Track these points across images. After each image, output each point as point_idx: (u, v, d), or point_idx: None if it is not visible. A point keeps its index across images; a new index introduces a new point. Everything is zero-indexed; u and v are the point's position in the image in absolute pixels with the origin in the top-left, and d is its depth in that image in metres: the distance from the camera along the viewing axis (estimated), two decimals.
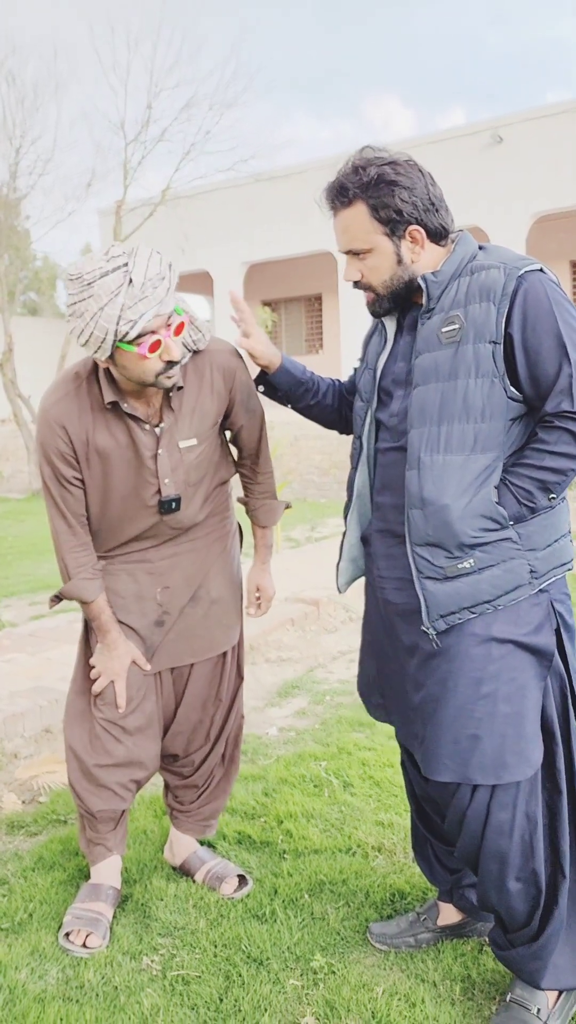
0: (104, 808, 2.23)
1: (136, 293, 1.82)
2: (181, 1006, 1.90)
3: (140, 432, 2.07)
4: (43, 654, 4.38)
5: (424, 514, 1.72)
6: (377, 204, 1.74)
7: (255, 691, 4.05)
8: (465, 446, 1.69)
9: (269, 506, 2.41)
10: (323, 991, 1.94)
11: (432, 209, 1.77)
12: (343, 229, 1.81)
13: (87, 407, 2.06)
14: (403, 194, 1.73)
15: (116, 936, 2.16)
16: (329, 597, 5.34)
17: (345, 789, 2.93)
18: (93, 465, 2.08)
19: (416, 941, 2.09)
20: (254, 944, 2.09)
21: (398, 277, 1.80)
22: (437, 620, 1.74)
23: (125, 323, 1.83)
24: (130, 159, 14.92)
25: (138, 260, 1.85)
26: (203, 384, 2.13)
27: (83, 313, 1.85)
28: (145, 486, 2.11)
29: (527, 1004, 1.79)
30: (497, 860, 1.77)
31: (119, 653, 2.19)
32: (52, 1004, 1.90)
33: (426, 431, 1.73)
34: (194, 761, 2.40)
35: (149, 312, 1.84)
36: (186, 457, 2.13)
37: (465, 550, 1.70)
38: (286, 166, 16.01)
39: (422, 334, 1.77)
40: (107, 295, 1.82)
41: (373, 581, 1.98)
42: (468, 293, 1.71)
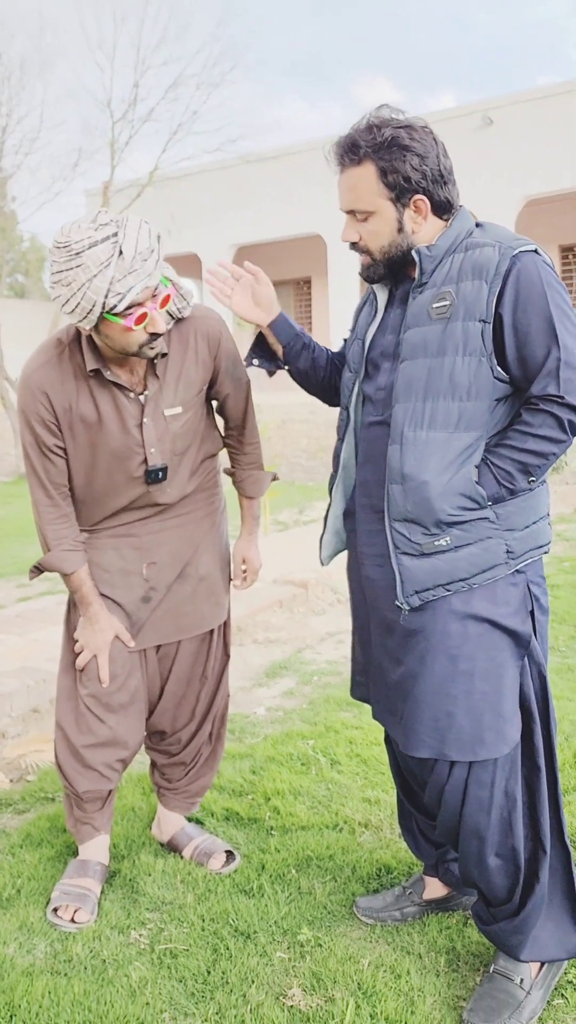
0: (90, 788, 2.23)
1: (126, 266, 1.80)
2: (169, 979, 1.92)
3: (125, 400, 2.05)
4: (30, 635, 4.38)
5: (403, 489, 1.72)
6: (387, 168, 1.71)
7: (243, 671, 4.06)
8: (449, 423, 1.69)
9: (256, 476, 2.40)
10: (310, 963, 1.96)
11: (440, 181, 1.74)
12: (349, 187, 1.77)
13: (70, 374, 2.03)
14: (415, 161, 1.70)
15: (104, 911, 2.17)
16: (317, 579, 5.35)
17: (332, 767, 2.95)
18: (77, 434, 2.06)
19: (402, 915, 2.11)
20: (241, 918, 2.11)
21: (396, 245, 1.77)
22: (411, 596, 1.74)
23: (114, 296, 1.81)
24: (117, 138, 14.82)
25: (128, 231, 1.82)
26: (187, 351, 2.11)
27: (70, 283, 1.82)
28: (131, 455, 2.09)
29: (510, 975, 1.82)
30: (476, 837, 1.79)
31: (101, 627, 2.18)
32: (40, 978, 1.91)
33: (411, 406, 1.72)
34: (181, 739, 2.40)
35: (138, 285, 1.82)
36: (171, 425, 2.11)
37: (443, 527, 1.70)
38: (275, 147, 15.90)
39: (412, 308, 1.75)
40: (96, 266, 1.79)
41: (356, 556, 1.98)
42: (461, 270, 1.70)
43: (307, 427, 12.15)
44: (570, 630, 4.47)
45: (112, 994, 1.86)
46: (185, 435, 2.15)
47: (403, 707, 1.81)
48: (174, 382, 2.10)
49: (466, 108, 14.03)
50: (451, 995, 1.86)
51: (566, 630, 4.46)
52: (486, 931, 1.88)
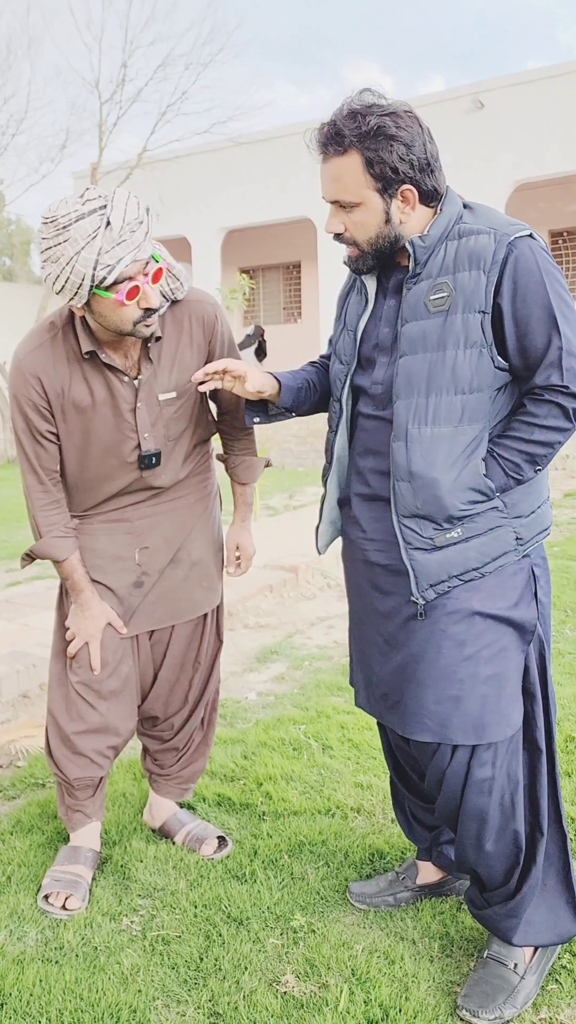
0: (81, 775, 2.21)
1: (114, 237, 1.76)
2: (161, 965, 1.90)
3: (118, 384, 2.02)
4: (20, 620, 4.35)
5: (412, 487, 1.69)
6: (373, 158, 1.65)
7: (234, 656, 4.04)
8: (453, 418, 1.66)
9: (249, 462, 2.37)
10: (303, 950, 1.94)
11: (427, 170, 1.69)
12: (333, 178, 1.72)
13: (63, 358, 2.00)
14: (401, 150, 1.65)
15: (96, 898, 2.15)
16: (307, 564, 5.34)
17: (324, 752, 2.94)
18: (70, 419, 2.03)
19: (395, 900, 2.10)
20: (234, 904, 2.10)
21: (384, 236, 1.72)
22: (426, 590, 1.72)
23: (102, 268, 1.78)
24: (105, 120, 14.66)
25: (116, 203, 1.79)
26: (182, 335, 2.08)
27: (59, 258, 1.78)
28: (124, 441, 2.06)
29: (504, 960, 1.81)
30: (476, 819, 1.77)
31: (93, 614, 2.15)
32: (31, 965, 1.89)
33: (413, 402, 1.69)
34: (173, 724, 2.38)
35: (127, 257, 1.78)
36: (165, 410, 2.08)
37: (453, 522, 1.69)
38: (265, 130, 15.75)
39: (408, 301, 1.71)
40: (83, 239, 1.76)
41: (354, 543, 1.95)
42: (457, 259, 1.66)
43: None
44: (559, 615, 4.47)
45: (104, 981, 1.85)
46: (179, 420, 2.12)
47: (405, 692, 1.79)
48: (168, 366, 2.06)
49: (456, 91, 13.92)
50: (445, 980, 1.86)
51: (556, 615, 4.46)
52: (479, 916, 1.87)
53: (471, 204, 1.76)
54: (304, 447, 12.00)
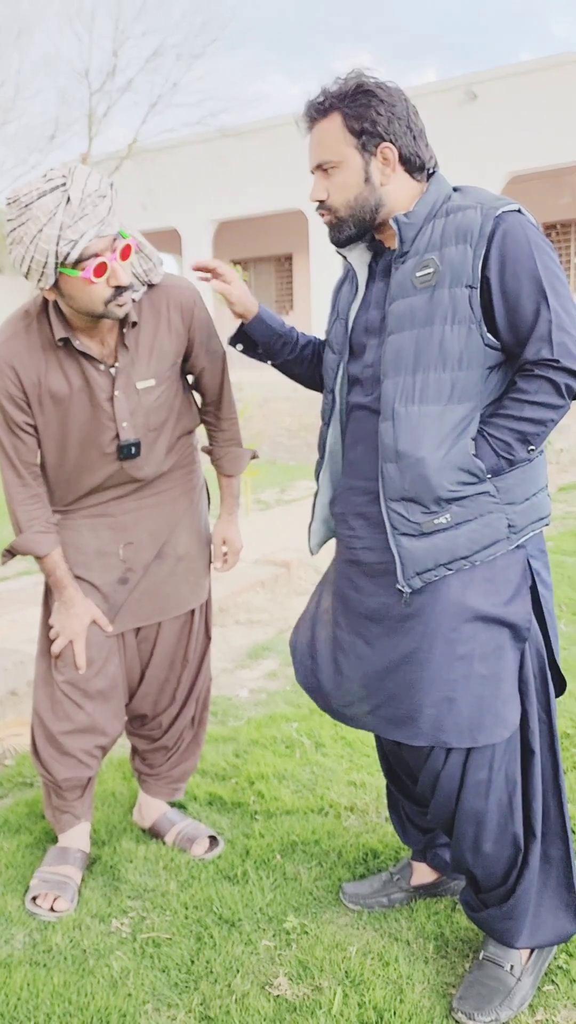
0: (69, 776, 2.17)
1: (75, 211, 1.72)
2: (152, 968, 1.87)
3: (95, 372, 1.97)
4: (7, 616, 4.30)
5: (399, 468, 1.64)
6: (352, 114, 1.66)
7: (225, 653, 4.01)
8: (442, 396, 1.62)
9: (234, 454, 2.32)
10: (296, 951, 1.92)
11: (409, 134, 1.68)
12: (316, 142, 1.73)
13: (38, 346, 1.95)
14: (380, 108, 1.65)
15: (84, 899, 2.12)
16: (299, 559, 5.30)
17: (317, 750, 2.91)
18: (47, 409, 1.98)
19: (389, 901, 2.08)
20: (225, 905, 2.06)
21: (363, 198, 1.70)
22: (413, 578, 1.67)
23: (65, 243, 1.73)
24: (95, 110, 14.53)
25: (76, 177, 1.75)
26: (160, 321, 2.02)
27: (22, 238, 1.75)
28: (102, 430, 2.01)
29: (500, 961, 1.78)
30: (473, 822, 1.74)
31: (77, 611, 2.11)
32: (19, 969, 1.85)
33: (401, 380, 1.65)
34: (162, 723, 2.34)
35: (90, 231, 1.73)
36: (144, 399, 2.03)
37: (442, 504, 1.63)
38: (256, 122, 15.65)
39: (396, 279, 1.68)
40: (45, 215, 1.72)
41: (342, 542, 1.90)
42: (444, 235, 1.63)
43: (289, 405, 12.06)
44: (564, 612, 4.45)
45: (93, 985, 1.81)
46: (159, 409, 2.07)
47: (395, 695, 1.74)
48: (147, 354, 2.01)
49: (449, 83, 13.85)
50: (440, 982, 1.83)
51: None
52: (475, 919, 1.84)
53: (461, 186, 1.73)
54: (296, 441, 11.96)
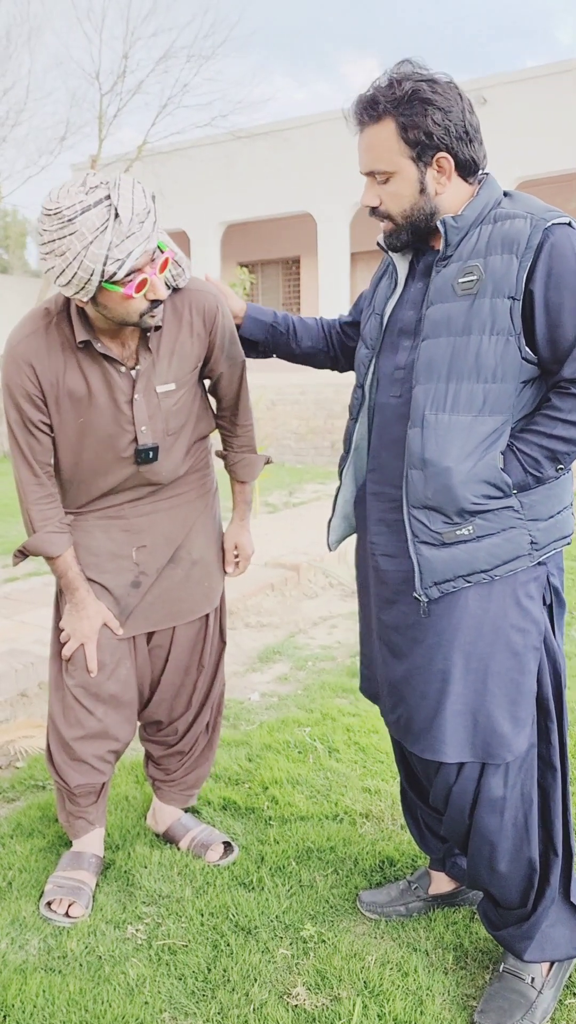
0: (83, 782, 2.15)
1: (123, 230, 1.69)
2: (168, 976, 1.85)
3: (115, 374, 1.94)
4: (18, 616, 4.28)
5: (424, 475, 1.62)
6: (407, 123, 1.59)
7: (236, 656, 3.99)
8: (473, 406, 1.59)
9: (249, 460, 2.30)
10: (314, 960, 1.89)
11: (465, 139, 1.62)
12: (367, 147, 1.66)
13: (57, 346, 1.92)
14: (436, 116, 1.58)
15: (99, 905, 2.10)
16: (309, 562, 5.28)
17: (330, 755, 2.88)
18: (64, 410, 1.95)
19: (407, 910, 2.05)
20: (242, 913, 2.04)
21: (419, 208, 1.66)
22: (430, 587, 1.65)
23: (112, 262, 1.70)
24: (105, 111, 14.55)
25: (123, 192, 1.70)
26: (182, 325, 2.01)
27: (64, 252, 1.70)
28: (120, 434, 1.98)
29: (521, 974, 1.76)
30: (488, 841, 1.71)
31: (88, 614, 2.08)
32: (34, 975, 1.83)
33: (432, 388, 1.61)
34: (178, 729, 2.32)
35: (137, 250, 1.71)
36: (164, 403, 2.00)
37: (465, 516, 1.61)
38: (266, 124, 15.66)
39: (436, 283, 1.64)
40: (91, 232, 1.67)
41: (365, 546, 1.88)
42: (490, 243, 1.59)
43: (297, 408, 12.03)
44: (567, 617, 4.43)
45: (109, 993, 1.79)
46: (178, 413, 2.05)
47: (410, 705, 1.72)
48: (167, 357, 1.99)
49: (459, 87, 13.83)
50: (460, 994, 1.81)
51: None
52: (494, 935, 1.82)
53: (512, 192, 1.69)
54: (304, 444, 11.94)
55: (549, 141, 13.05)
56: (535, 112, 13.15)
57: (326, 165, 14.88)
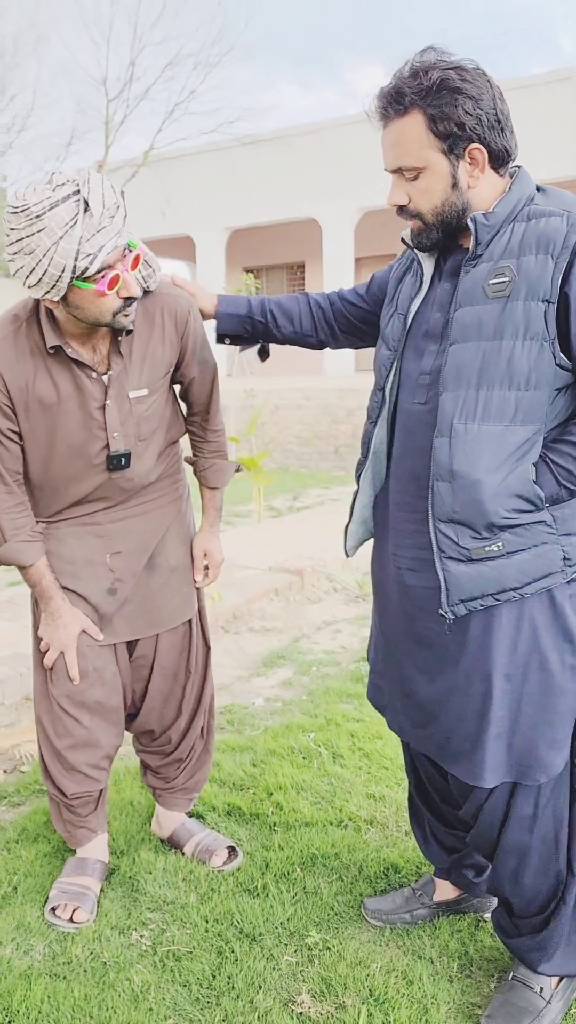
0: (79, 791, 2.14)
1: (94, 223, 1.64)
2: (173, 983, 1.85)
3: (86, 380, 1.90)
4: (22, 620, 4.28)
5: (452, 488, 1.54)
6: (436, 114, 1.49)
7: (239, 660, 3.99)
8: (504, 415, 1.51)
9: (219, 466, 2.28)
10: (318, 968, 1.89)
11: (497, 127, 1.52)
12: (393, 143, 1.55)
13: (27, 352, 1.87)
14: (467, 104, 1.48)
15: (104, 910, 2.09)
16: (313, 567, 5.28)
17: (335, 761, 2.88)
18: (34, 416, 1.90)
19: (412, 917, 2.04)
20: (246, 919, 2.04)
21: (451, 204, 1.56)
22: (457, 605, 1.58)
23: (84, 257, 1.65)
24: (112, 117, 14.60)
25: (92, 187, 1.66)
26: (154, 329, 1.97)
27: (33, 249, 1.65)
28: (92, 440, 1.94)
29: (530, 983, 1.75)
30: (515, 855, 1.69)
31: (65, 622, 2.05)
32: (39, 981, 1.83)
33: (461, 395, 1.53)
34: (171, 738, 2.30)
35: (108, 244, 1.67)
36: (136, 408, 1.97)
37: (495, 531, 1.53)
38: (271, 130, 15.72)
39: (465, 284, 1.56)
40: (60, 227, 1.63)
41: (385, 557, 1.80)
42: (523, 242, 1.50)
43: (301, 413, 12.04)
44: None
45: (114, 999, 1.79)
46: (151, 419, 2.02)
47: (445, 725, 1.68)
48: (140, 362, 1.95)
49: None
50: (466, 1002, 1.80)
51: None
52: (507, 943, 1.81)
53: (546, 187, 1.60)
54: (307, 448, 11.95)
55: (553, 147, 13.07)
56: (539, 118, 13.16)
57: (331, 171, 14.92)
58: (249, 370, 17.92)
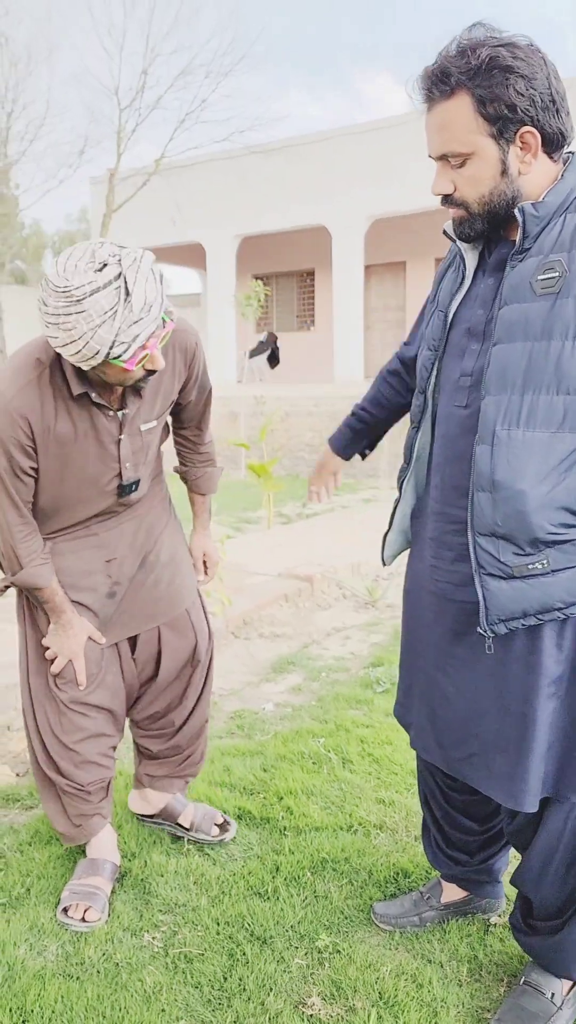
0: (93, 779, 2.19)
1: (133, 316, 1.68)
2: (184, 984, 1.87)
3: (103, 418, 1.96)
4: None
5: (494, 499, 1.45)
6: (485, 96, 1.39)
7: (249, 666, 4.01)
8: (552, 422, 1.41)
9: (211, 473, 2.44)
10: (329, 971, 1.91)
11: (552, 108, 1.41)
12: (439, 126, 1.45)
13: (49, 396, 1.91)
14: (519, 84, 1.38)
15: (116, 912, 2.11)
16: (322, 574, 5.30)
17: (344, 766, 2.90)
18: (51, 452, 1.95)
19: (420, 920, 2.06)
20: (257, 922, 2.06)
21: (500, 192, 1.46)
22: (497, 624, 1.50)
23: (119, 346, 1.71)
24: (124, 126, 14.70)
25: (137, 277, 1.68)
26: (166, 365, 2.04)
27: (71, 329, 1.69)
28: (105, 472, 2.03)
29: (542, 988, 1.76)
30: (541, 859, 1.69)
31: (75, 632, 2.13)
32: (52, 981, 1.85)
33: (505, 399, 1.44)
34: (173, 720, 2.38)
35: (144, 334, 1.72)
36: (146, 439, 2.08)
37: (539, 547, 1.44)
38: (281, 139, 15.80)
39: (511, 279, 1.46)
40: (100, 315, 1.66)
41: (421, 569, 1.75)
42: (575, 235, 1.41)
43: (311, 420, 12.08)
44: None
45: (127, 999, 1.81)
46: (153, 443, 2.14)
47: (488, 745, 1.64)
48: (152, 398, 2.04)
49: None
50: (475, 1006, 1.81)
51: None
52: (523, 942, 1.82)
53: None
54: (317, 456, 11.98)
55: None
56: None
57: (341, 179, 14.97)
58: (259, 376, 17.99)
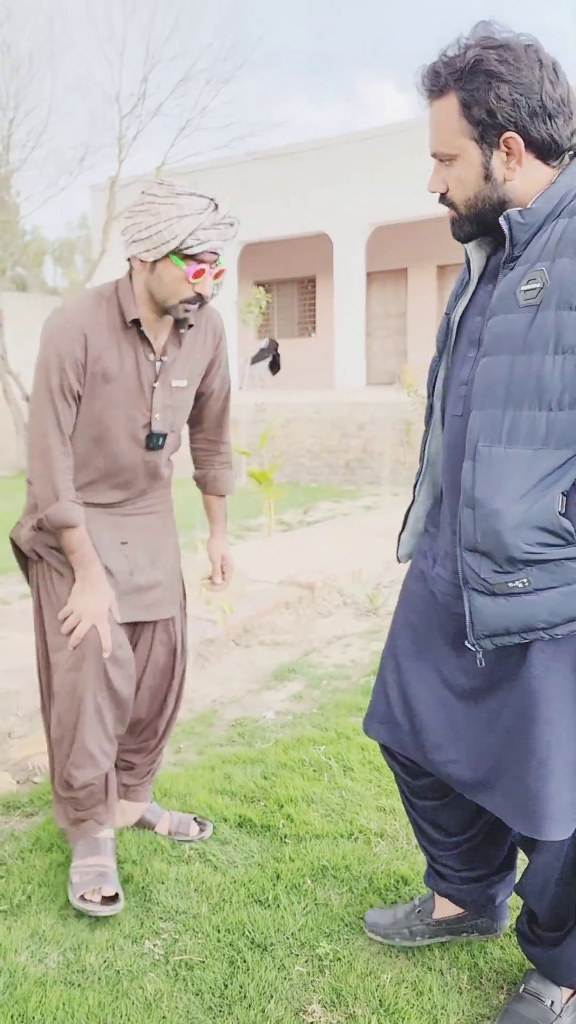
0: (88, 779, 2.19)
1: (216, 219, 1.96)
2: (185, 992, 1.87)
3: (145, 361, 2.14)
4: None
5: (473, 516, 1.43)
6: (468, 99, 1.39)
7: (250, 673, 4.02)
8: (534, 438, 1.38)
9: (229, 475, 2.53)
10: (329, 978, 1.91)
11: (540, 114, 1.38)
12: (433, 125, 1.47)
13: (105, 323, 2.09)
14: (502, 89, 1.36)
15: (117, 919, 2.12)
16: (323, 581, 5.30)
17: (345, 774, 2.90)
18: (96, 386, 2.10)
19: (411, 934, 2.01)
20: (258, 930, 2.06)
21: (483, 197, 1.45)
22: (483, 639, 1.49)
23: (194, 238, 1.94)
24: (125, 133, 14.74)
25: (221, 202, 2.00)
26: (198, 334, 2.24)
27: (158, 212, 1.94)
28: (137, 417, 2.16)
29: (541, 996, 1.76)
30: (543, 873, 1.69)
31: (103, 590, 2.11)
32: (54, 988, 1.86)
33: (488, 415, 1.42)
34: (157, 729, 2.44)
35: (216, 241, 1.98)
36: (175, 396, 2.22)
37: (517, 565, 1.42)
38: (282, 146, 15.88)
39: (500, 288, 1.43)
40: (190, 209, 1.94)
41: (425, 574, 1.72)
42: (561, 242, 1.36)
43: (312, 427, 12.09)
44: None
45: (128, 1007, 1.82)
46: (180, 411, 2.25)
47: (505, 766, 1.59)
48: (186, 356, 2.22)
49: None
50: (475, 1014, 1.82)
51: None
52: (528, 951, 1.82)
53: None
54: (318, 462, 11.99)
55: None
56: None
57: (342, 186, 15.02)
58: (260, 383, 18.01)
